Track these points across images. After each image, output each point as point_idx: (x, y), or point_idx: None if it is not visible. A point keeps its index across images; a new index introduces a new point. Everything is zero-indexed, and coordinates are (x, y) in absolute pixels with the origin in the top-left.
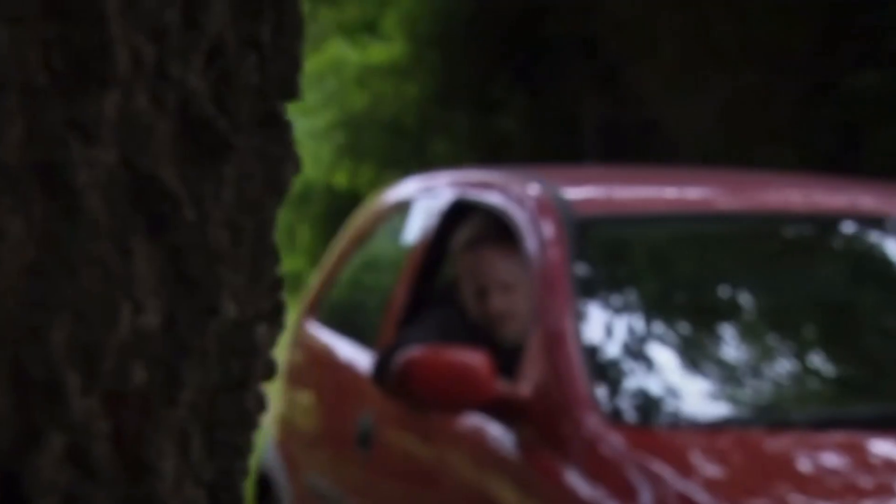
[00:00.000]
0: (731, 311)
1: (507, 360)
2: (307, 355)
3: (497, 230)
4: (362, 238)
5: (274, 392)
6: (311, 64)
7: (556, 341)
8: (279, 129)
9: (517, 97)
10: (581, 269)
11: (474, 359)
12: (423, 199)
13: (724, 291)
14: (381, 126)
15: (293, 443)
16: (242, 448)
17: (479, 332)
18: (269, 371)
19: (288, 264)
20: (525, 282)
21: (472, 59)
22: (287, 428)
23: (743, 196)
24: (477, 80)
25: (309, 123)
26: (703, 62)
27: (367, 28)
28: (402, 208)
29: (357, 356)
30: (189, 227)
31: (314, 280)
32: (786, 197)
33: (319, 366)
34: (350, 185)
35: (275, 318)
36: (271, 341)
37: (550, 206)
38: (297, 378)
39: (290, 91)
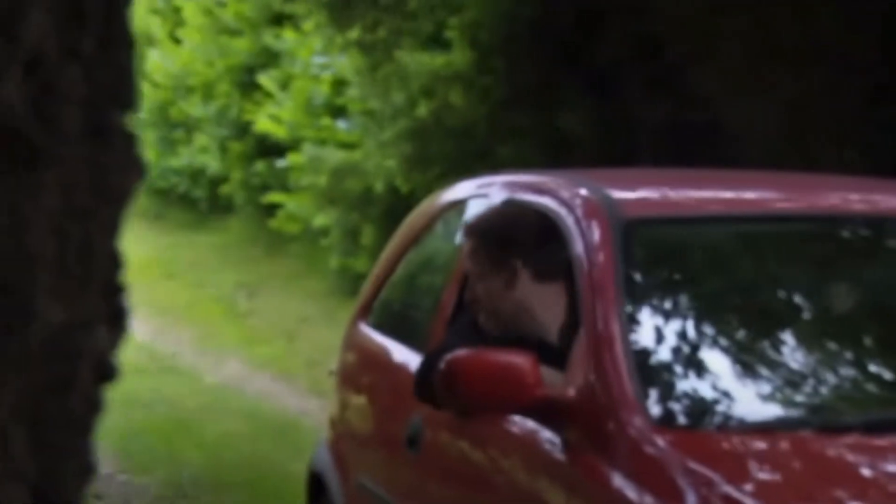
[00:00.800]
0: (780, 313)
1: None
2: (359, 357)
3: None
4: (415, 239)
5: (329, 393)
6: (379, 75)
7: (603, 343)
8: (113, 139)
9: (581, 99)
10: (628, 270)
11: (519, 360)
12: (477, 200)
13: (773, 293)
14: (447, 133)
15: (345, 443)
16: (72, 449)
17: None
18: (106, 374)
19: (352, 265)
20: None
21: (535, 64)
22: (339, 429)
23: (793, 197)
24: (541, 84)
25: (378, 135)
26: (766, 62)
27: (433, 38)
28: (456, 209)
29: (408, 358)
30: (2, 233)
31: (367, 281)
32: (837, 198)
33: (370, 368)
34: (415, 187)
35: (115, 322)
36: (111, 345)
37: (598, 208)
38: (348, 380)
39: (123, 101)
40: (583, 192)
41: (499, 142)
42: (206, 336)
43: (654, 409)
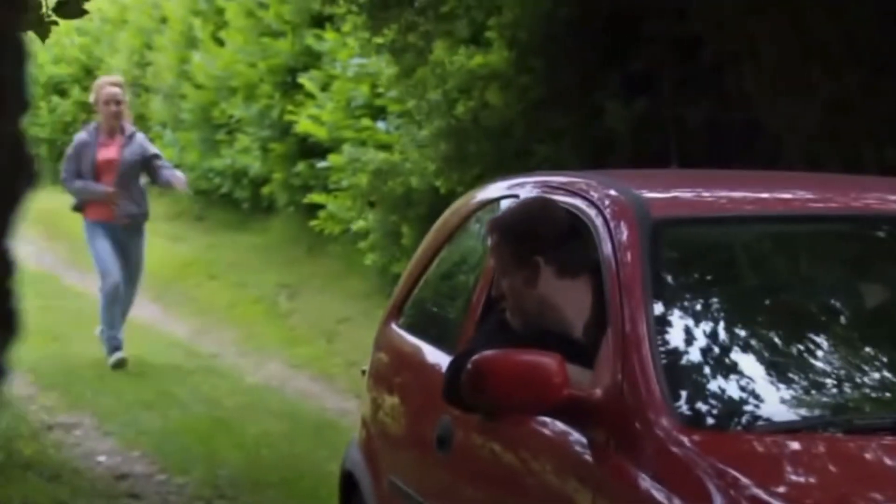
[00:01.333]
0: (809, 314)
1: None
2: (390, 357)
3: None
4: (447, 239)
5: (360, 392)
6: (414, 77)
7: (630, 344)
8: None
9: (619, 100)
10: (655, 271)
11: (546, 360)
12: (508, 201)
13: (802, 293)
14: (485, 132)
15: (376, 443)
16: None
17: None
18: None
19: (392, 266)
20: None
21: (573, 64)
22: (370, 428)
23: (823, 196)
24: (579, 84)
25: (415, 133)
26: (804, 62)
27: (471, 40)
28: (488, 209)
29: (438, 359)
30: None
31: (400, 281)
32: (870, 198)
33: (401, 368)
34: (450, 190)
35: (5, 324)
36: (1, 347)
37: (626, 209)
38: (380, 380)
39: (11, 109)
40: (612, 192)
41: (536, 141)
42: (247, 336)
43: (682, 410)
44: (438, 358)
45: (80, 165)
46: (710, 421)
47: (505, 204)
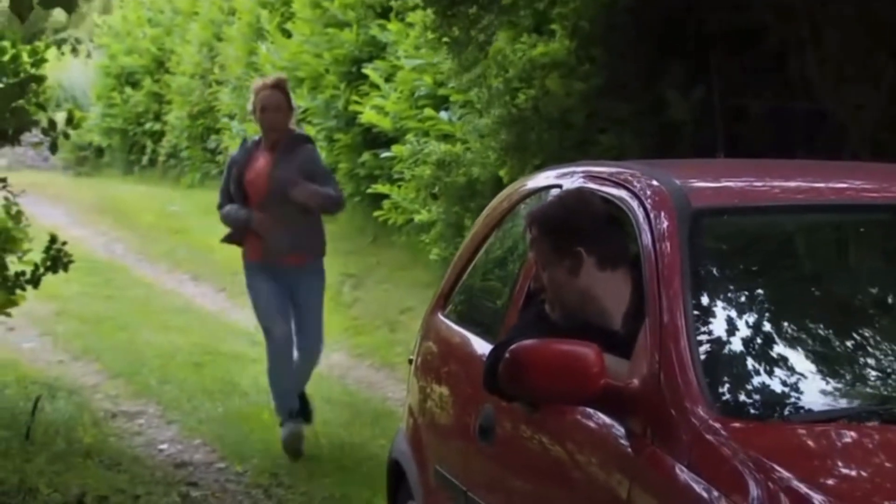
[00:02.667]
0: (847, 304)
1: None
2: (435, 346)
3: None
4: (494, 228)
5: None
6: (476, 71)
7: (668, 334)
8: None
9: (682, 89)
10: (694, 260)
11: (583, 350)
12: (556, 189)
13: (842, 284)
14: (546, 122)
15: (422, 432)
16: None
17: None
18: None
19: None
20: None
21: (634, 53)
22: (416, 417)
23: (869, 186)
24: (640, 74)
25: (476, 123)
26: (868, 50)
27: (534, 28)
28: (535, 198)
29: (482, 348)
30: None
31: (448, 270)
32: None
33: (446, 357)
34: (513, 179)
35: None
36: None
37: (666, 199)
38: (425, 369)
39: None
40: (653, 182)
41: (598, 131)
42: None
43: (719, 400)
44: (482, 347)
45: (230, 186)
46: (748, 411)
47: (552, 193)
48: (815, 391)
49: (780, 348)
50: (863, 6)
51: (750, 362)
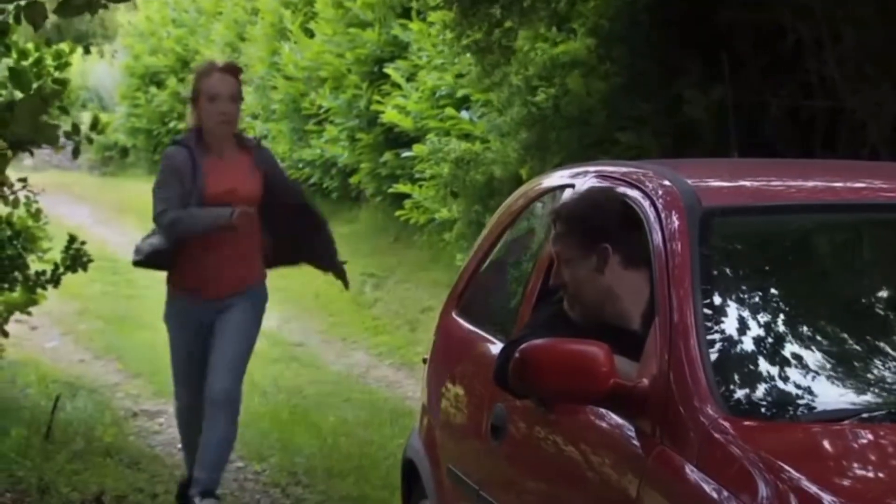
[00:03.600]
0: (858, 305)
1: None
2: (449, 345)
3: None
4: (508, 227)
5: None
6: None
7: (678, 333)
8: None
9: (701, 86)
10: (705, 260)
11: (593, 349)
12: (570, 189)
13: (853, 284)
14: (566, 120)
15: (435, 432)
16: None
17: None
18: None
19: None
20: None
21: (654, 52)
22: (430, 416)
23: (869, 186)
24: (661, 72)
25: (497, 122)
26: (888, 48)
27: (556, 25)
28: (549, 196)
29: (495, 347)
30: None
31: (462, 269)
32: None
33: (459, 356)
34: (533, 177)
35: None
36: None
37: (677, 198)
38: (438, 368)
39: None
40: (665, 182)
41: (618, 129)
42: (333, 325)
43: (729, 399)
44: (496, 347)
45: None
46: (758, 410)
47: (567, 193)
48: (826, 391)
49: (790, 348)
50: (881, 5)
51: (760, 362)
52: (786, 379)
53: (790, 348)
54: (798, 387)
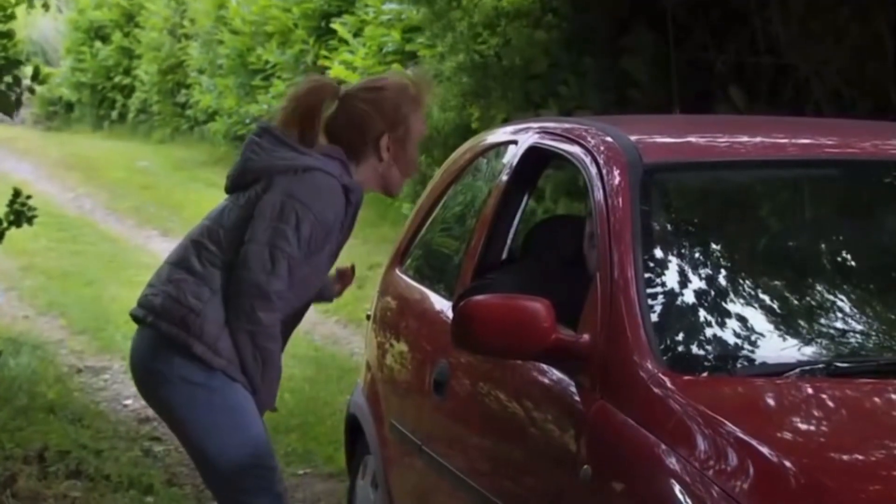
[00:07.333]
0: (797, 259)
1: None
2: (392, 302)
3: None
4: (451, 183)
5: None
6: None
7: (618, 288)
8: None
9: (646, 42)
10: (645, 216)
11: (534, 304)
12: (513, 145)
13: (791, 239)
14: (507, 70)
15: (378, 387)
16: None
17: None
18: None
19: None
20: None
21: (600, 6)
22: (373, 372)
23: (819, 142)
24: (606, 26)
25: (437, 67)
26: (832, 5)
27: None
28: (493, 152)
29: (438, 304)
30: None
31: (404, 225)
32: (868, 144)
33: (402, 313)
34: (482, 128)
35: None
36: None
37: (618, 154)
38: (382, 324)
39: None
40: (606, 138)
41: (560, 83)
42: None
43: (668, 354)
44: (439, 303)
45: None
46: (697, 365)
47: (511, 149)
48: (766, 346)
49: (731, 303)
50: None
51: (701, 317)
52: (726, 333)
53: (731, 304)
54: (739, 341)
